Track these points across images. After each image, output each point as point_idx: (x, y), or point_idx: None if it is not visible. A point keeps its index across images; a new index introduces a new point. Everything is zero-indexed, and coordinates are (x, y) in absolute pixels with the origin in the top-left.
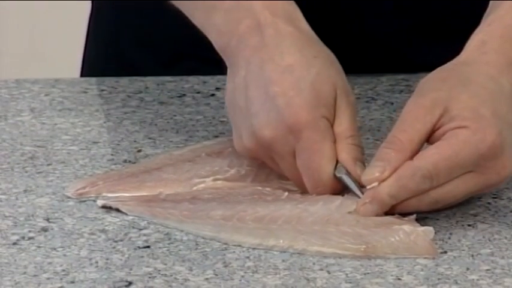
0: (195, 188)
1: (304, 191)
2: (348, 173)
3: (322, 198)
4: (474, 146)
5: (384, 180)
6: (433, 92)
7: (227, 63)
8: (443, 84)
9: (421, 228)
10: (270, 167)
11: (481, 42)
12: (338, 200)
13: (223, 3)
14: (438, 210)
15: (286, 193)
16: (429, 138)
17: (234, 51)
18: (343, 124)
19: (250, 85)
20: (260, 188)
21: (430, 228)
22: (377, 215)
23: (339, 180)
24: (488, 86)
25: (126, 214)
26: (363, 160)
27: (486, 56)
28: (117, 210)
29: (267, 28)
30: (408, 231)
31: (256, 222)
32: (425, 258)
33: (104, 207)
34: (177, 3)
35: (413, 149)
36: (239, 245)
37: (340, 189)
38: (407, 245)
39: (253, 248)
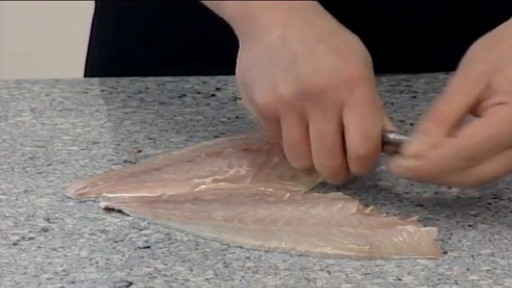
0: (197, 189)
1: (302, 166)
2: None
3: (323, 201)
4: None
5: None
6: (479, 63)
7: (243, 33)
8: (489, 55)
9: (424, 229)
10: (271, 134)
11: None
12: (340, 203)
13: None
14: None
15: (288, 194)
16: (473, 110)
17: (260, 14)
18: (378, 95)
19: (292, 43)
20: (262, 188)
21: (434, 229)
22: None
23: (384, 139)
24: None
25: (126, 214)
26: None
27: None
28: (120, 211)
29: (293, 1)
30: (412, 231)
31: (257, 224)
32: (428, 258)
33: (106, 208)
34: None
35: (454, 121)
36: (240, 246)
37: (379, 154)
38: (411, 246)
39: (253, 248)
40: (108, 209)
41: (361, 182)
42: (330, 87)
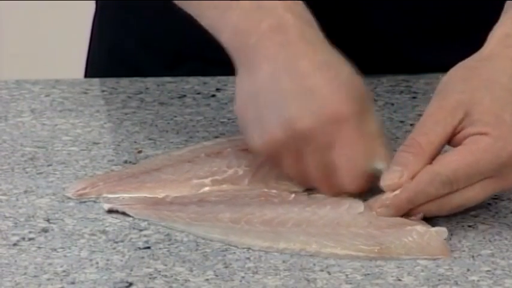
0: (200, 191)
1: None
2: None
3: (329, 202)
4: (495, 154)
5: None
6: (455, 94)
7: (239, 62)
8: (466, 85)
9: (434, 229)
10: (277, 168)
11: (505, 35)
12: (346, 203)
13: (241, 3)
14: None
15: (293, 195)
16: (450, 141)
17: (253, 49)
18: (374, 124)
19: (282, 79)
20: (266, 190)
21: (443, 229)
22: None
23: (375, 174)
24: None
25: (126, 215)
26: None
27: (510, 50)
28: (123, 213)
29: (291, 28)
30: (421, 231)
31: (265, 225)
32: (435, 259)
33: (110, 211)
34: (182, 4)
35: (432, 152)
36: (244, 247)
37: (370, 187)
38: (421, 246)
39: (260, 250)
40: (113, 212)
41: None
42: (317, 128)
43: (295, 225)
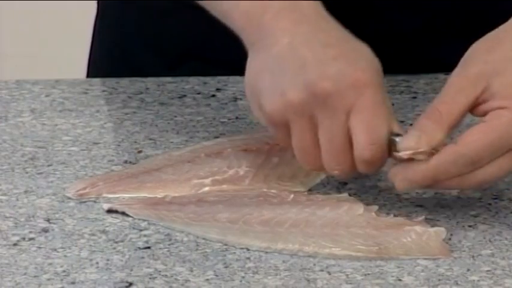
0: (199, 191)
1: (313, 168)
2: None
3: (328, 203)
4: None
5: (420, 152)
6: (478, 64)
7: (252, 42)
8: (489, 56)
9: (432, 229)
10: (284, 141)
11: None
12: (345, 204)
13: None
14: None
15: (292, 195)
16: (472, 110)
17: (269, 26)
18: (388, 99)
19: (301, 49)
20: (265, 190)
21: (442, 229)
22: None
23: (392, 144)
24: None
25: (126, 215)
26: None
27: None
28: (123, 213)
29: (305, 6)
30: (420, 232)
31: (263, 226)
32: (433, 259)
33: (110, 211)
34: None
35: (452, 121)
36: (242, 247)
37: (386, 157)
38: (420, 246)
39: (258, 250)
40: (113, 212)
41: (361, 182)
42: (338, 91)
43: (293, 225)
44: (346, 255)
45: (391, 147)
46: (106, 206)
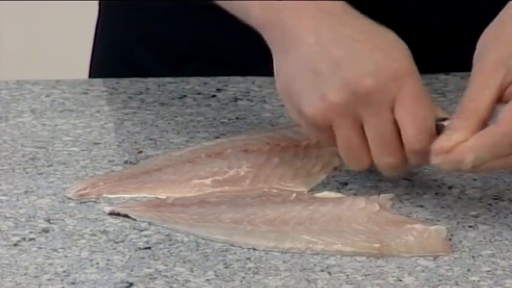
0: (201, 192)
1: (361, 166)
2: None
3: (331, 199)
4: None
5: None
6: (491, 53)
7: (274, 40)
8: (498, 42)
9: (433, 227)
10: (328, 141)
11: None
12: (348, 200)
13: None
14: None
15: (295, 194)
16: (502, 98)
17: (288, 22)
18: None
19: (330, 48)
20: (267, 190)
21: (442, 227)
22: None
23: (440, 129)
24: None
25: (127, 216)
26: None
27: None
28: (126, 216)
29: (320, 1)
30: (421, 230)
31: (268, 225)
32: (433, 258)
33: (111, 213)
34: None
35: (483, 115)
36: (249, 247)
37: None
38: (422, 244)
39: (254, 249)
40: (115, 214)
41: (361, 182)
42: (379, 86)
43: (298, 223)
44: (351, 251)
45: (438, 132)
46: (107, 209)
